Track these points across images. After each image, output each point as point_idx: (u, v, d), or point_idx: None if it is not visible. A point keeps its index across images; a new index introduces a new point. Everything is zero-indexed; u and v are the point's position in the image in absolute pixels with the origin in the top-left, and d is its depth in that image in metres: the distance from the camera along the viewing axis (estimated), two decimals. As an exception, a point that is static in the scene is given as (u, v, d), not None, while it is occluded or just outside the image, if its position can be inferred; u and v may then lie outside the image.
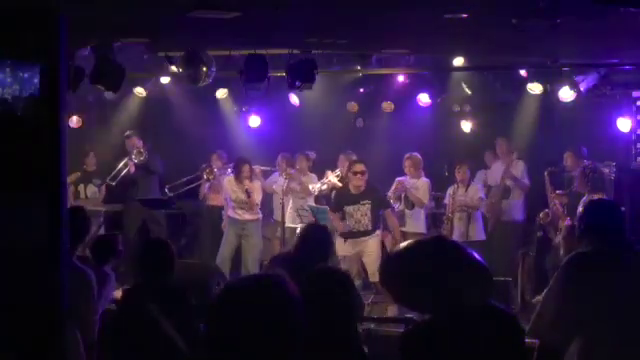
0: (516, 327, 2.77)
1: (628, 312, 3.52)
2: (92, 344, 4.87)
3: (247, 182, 9.64)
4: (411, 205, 9.35)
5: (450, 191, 9.32)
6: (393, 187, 9.40)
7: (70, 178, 9.85)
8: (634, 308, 3.53)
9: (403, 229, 9.36)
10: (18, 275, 3.52)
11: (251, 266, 9.52)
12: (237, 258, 9.78)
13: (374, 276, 8.21)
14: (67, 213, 3.75)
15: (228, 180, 9.83)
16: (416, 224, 9.36)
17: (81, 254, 5.45)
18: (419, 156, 9.47)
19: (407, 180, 9.40)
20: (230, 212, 9.74)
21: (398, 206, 9.43)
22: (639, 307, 3.54)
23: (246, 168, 9.65)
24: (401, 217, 9.44)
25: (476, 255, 2.81)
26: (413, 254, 2.79)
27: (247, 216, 9.68)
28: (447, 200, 9.39)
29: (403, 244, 2.89)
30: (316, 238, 5.28)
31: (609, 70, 8.97)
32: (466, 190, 9.23)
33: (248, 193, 9.56)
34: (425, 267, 2.71)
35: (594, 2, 5.37)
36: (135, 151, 10.08)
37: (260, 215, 9.82)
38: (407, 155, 9.48)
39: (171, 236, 9.61)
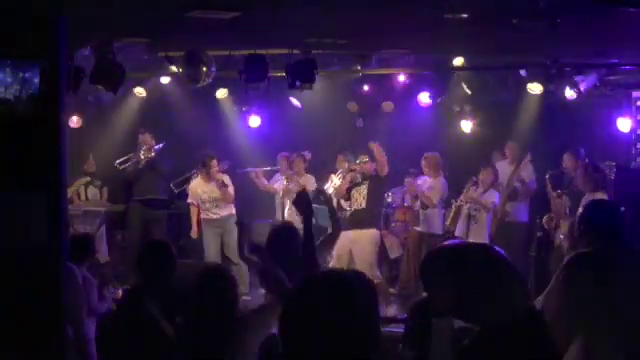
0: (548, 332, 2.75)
1: (628, 312, 3.52)
2: (84, 342, 4.89)
3: (219, 175, 9.57)
4: (424, 205, 9.41)
5: (467, 186, 9.26)
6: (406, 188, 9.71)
7: (80, 182, 9.82)
8: (634, 308, 3.52)
9: (418, 229, 9.49)
10: (18, 275, 3.53)
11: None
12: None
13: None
14: (67, 213, 3.75)
15: (195, 183, 9.68)
16: (431, 224, 9.41)
17: None
18: (435, 155, 9.54)
19: (421, 179, 9.46)
20: (204, 215, 9.56)
21: (418, 206, 9.57)
22: (638, 307, 3.54)
23: (214, 163, 9.56)
24: (417, 217, 9.58)
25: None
26: (465, 258, 2.70)
27: (223, 212, 9.55)
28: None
29: (450, 244, 2.85)
30: (282, 237, 5.26)
31: (609, 70, 8.97)
32: (484, 192, 9.15)
33: (224, 184, 9.48)
34: (478, 273, 2.63)
35: (594, 2, 5.37)
36: (145, 147, 10.07)
37: (234, 210, 9.68)
38: (424, 155, 9.58)
39: (171, 236, 9.62)
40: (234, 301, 4.08)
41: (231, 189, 9.60)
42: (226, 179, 9.65)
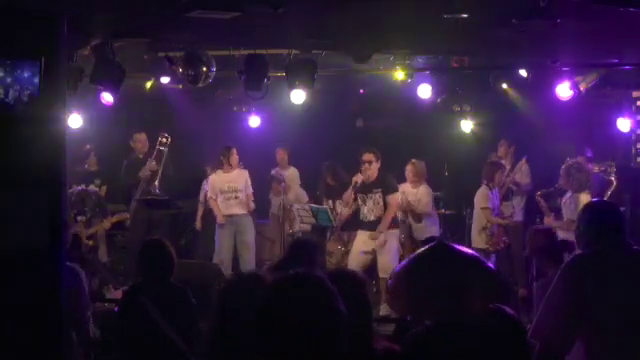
0: (519, 330, 2.77)
1: (628, 313, 3.52)
2: (87, 342, 4.86)
3: (238, 167, 9.66)
4: (418, 218, 9.32)
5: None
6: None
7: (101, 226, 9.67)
8: (634, 309, 3.52)
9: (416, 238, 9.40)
10: (18, 275, 3.52)
11: (249, 265, 9.49)
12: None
13: (385, 271, 8.13)
14: (67, 213, 3.75)
15: (215, 176, 9.71)
16: (430, 232, 9.32)
17: None
18: (422, 163, 9.43)
19: (406, 193, 9.27)
20: (223, 210, 9.58)
21: (408, 220, 9.37)
22: (639, 308, 3.54)
23: (234, 151, 9.63)
24: (411, 229, 9.39)
25: (477, 256, 2.82)
26: (416, 267, 2.81)
27: (238, 210, 9.60)
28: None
29: (407, 259, 2.94)
30: (304, 249, 5.27)
31: (609, 70, 8.96)
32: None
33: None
34: (428, 279, 2.73)
35: (594, 2, 5.37)
36: (163, 140, 10.08)
37: (251, 208, 9.73)
38: (411, 161, 9.46)
39: (171, 236, 9.62)
40: None
41: (249, 184, 9.67)
42: (245, 174, 9.69)
